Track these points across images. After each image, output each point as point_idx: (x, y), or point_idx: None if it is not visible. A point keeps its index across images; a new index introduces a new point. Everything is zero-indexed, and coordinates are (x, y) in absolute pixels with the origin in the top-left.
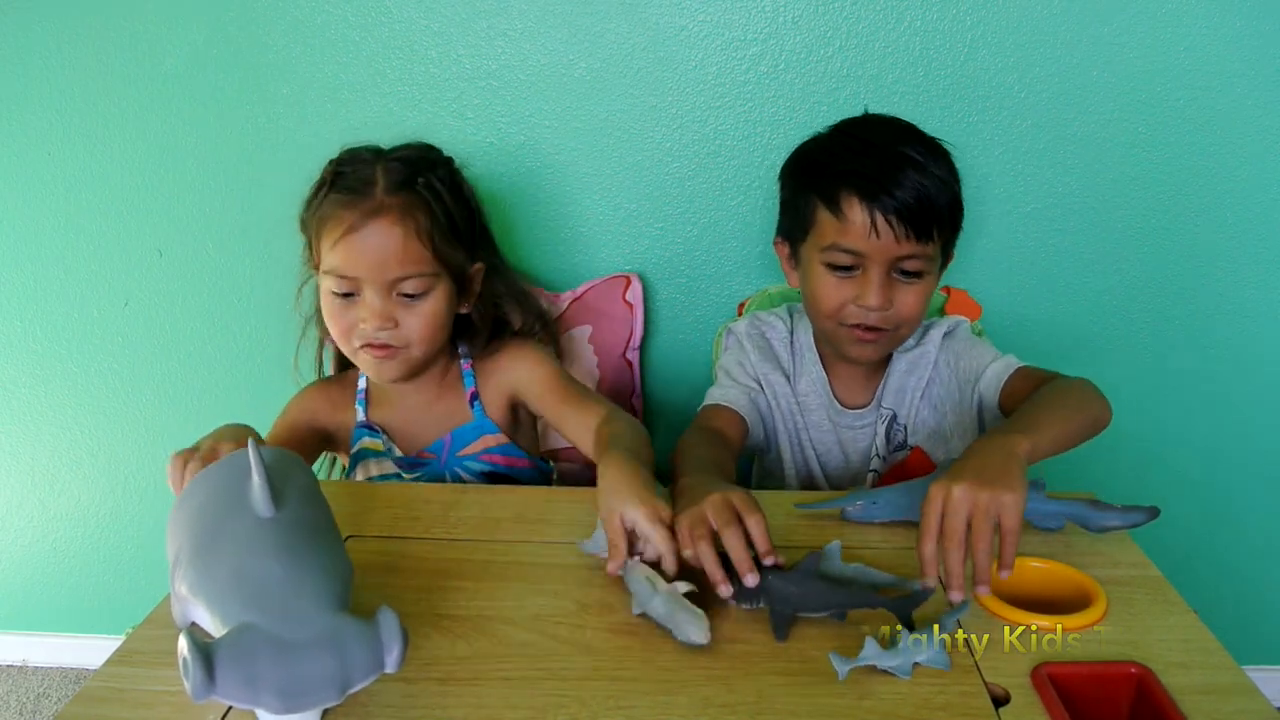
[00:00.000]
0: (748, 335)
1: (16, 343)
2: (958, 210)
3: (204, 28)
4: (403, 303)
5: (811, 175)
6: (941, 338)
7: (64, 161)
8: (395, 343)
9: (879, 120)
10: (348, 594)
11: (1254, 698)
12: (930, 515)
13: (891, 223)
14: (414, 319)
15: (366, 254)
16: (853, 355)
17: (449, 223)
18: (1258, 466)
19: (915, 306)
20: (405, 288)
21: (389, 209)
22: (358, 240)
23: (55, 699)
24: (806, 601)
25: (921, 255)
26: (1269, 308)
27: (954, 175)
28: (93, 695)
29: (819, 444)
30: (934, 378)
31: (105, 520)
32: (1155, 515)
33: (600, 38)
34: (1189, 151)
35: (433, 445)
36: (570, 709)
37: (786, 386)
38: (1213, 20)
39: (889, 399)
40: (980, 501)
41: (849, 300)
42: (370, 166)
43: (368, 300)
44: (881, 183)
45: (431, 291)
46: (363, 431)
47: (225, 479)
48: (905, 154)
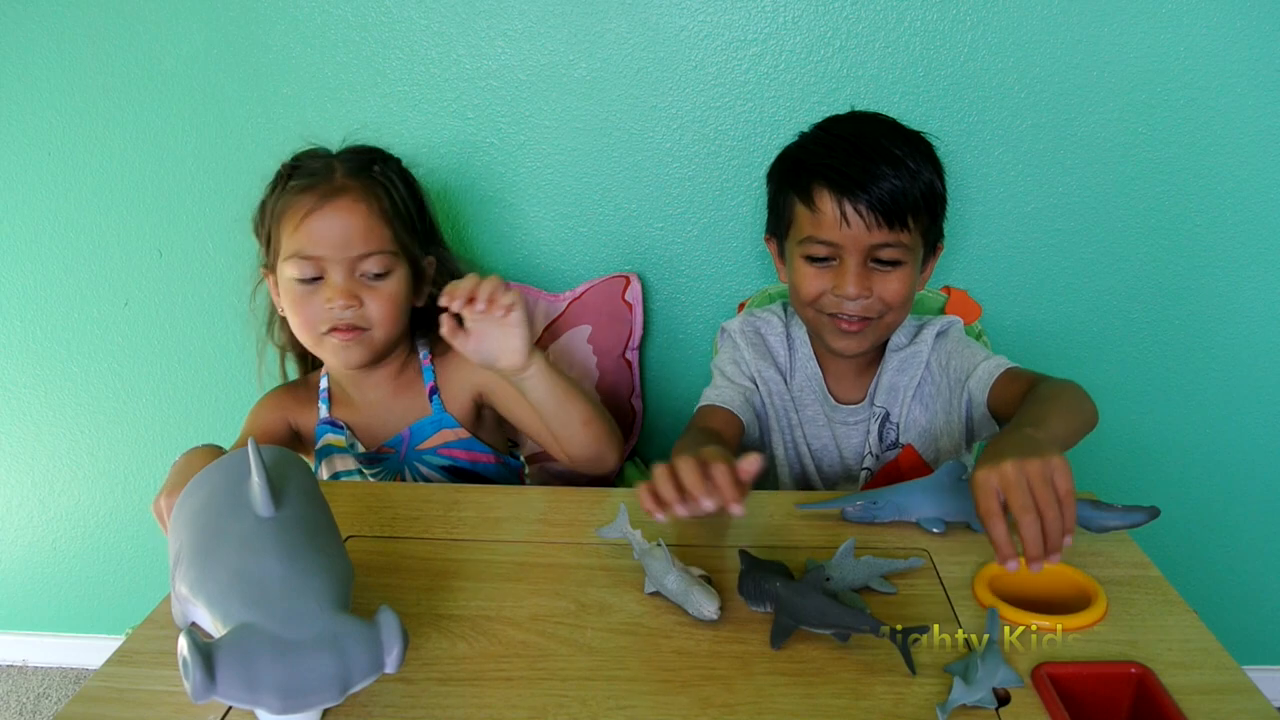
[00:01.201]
0: (741, 332)
1: (16, 343)
2: (934, 200)
3: (204, 28)
4: (365, 283)
5: (788, 172)
6: (934, 337)
7: (64, 161)
8: (360, 324)
9: (855, 116)
10: (348, 594)
11: (1254, 698)
12: (988, 498)
13: (861, 212)
14: (376, 299)
15: (330, 232)
16: (838, 347)
17: (405, 210)
18: (1258, 466)
19: (898, 293)
20: (368, 266)
21: (349, 189)
22: (321, 220)
23: (55, 699)
24: (812, 616)
25: (896, 244)
26: (1269, 307)
27: (931, 165)
28: (93, 695)
29: (814, 440)
30: (925, 377)
31: (105, 520)
32: (1156, 515)
33: (600, 38)
34: (1189, 151)
35: (391, 440)
36: (570, 709)
37: (781, 383)
38: (1213, 20)
39: (881, 397)
40: (1033, 469)
41: (827, 290)
42: (325, 159)
43: (332, 280)
44: (849, 174)
45: (393, 272)
46: (325, 428)
47: (225, 479)
48: (876, 145)
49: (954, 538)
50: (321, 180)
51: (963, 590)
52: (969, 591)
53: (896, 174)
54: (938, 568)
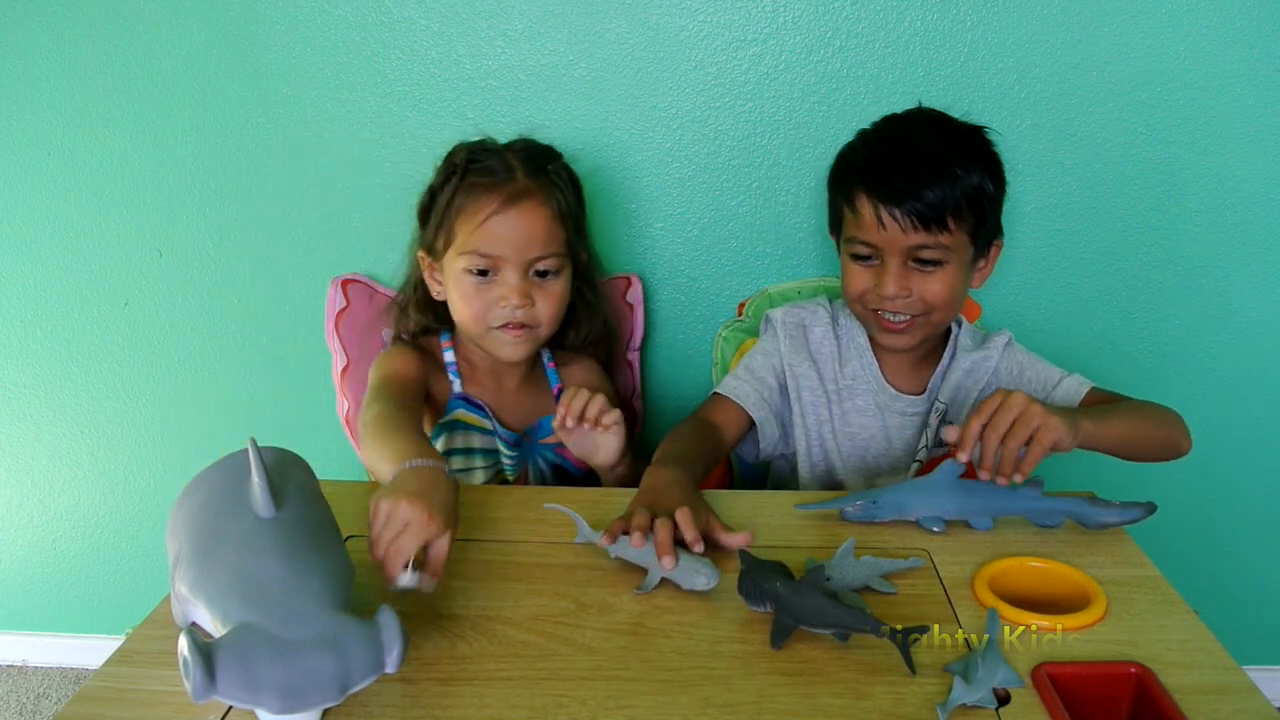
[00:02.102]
0: (784, 323)
1: (16, 343)
2: (981, 200)
3: (204, 28)
4: (536, 283)
5: (837, 174)
6: (1004, 346)
7: (64, 161)
8: (529, 322)
9: (910, 116)
10: (348, 594)
11: (1254, 698)
12: (988, 404)
13: (896, 215)
14: (546, 298)
15: (513, 234)
16: (886, 343)
17: (573, 211)
18: (1258, 466)
19: (940, 294)
20: (541, 266)
21: (532, 192)
22: (504, 221)
23: (55, 699)
24: (812, 616)
25: (935, 245)
26: (1268, 307)
27: (982, 165)
28: (93, 695)
29: (859, 430)
30: (992, 383)
31: (105, 520)
32: (1153, 511)
33: (600, 38)
34: (1189, 151)
35: (529, 428)
36: (570, 709)
37: (815, 377)
38: (1213, 20)
39: (946, 394)
40: (1032, 411)
41: (870, 288)
42: (501, 156)
43: (507, 279)
44: (884, 177)
45: (561, 272)
46: (459, 403)
47: (225, 479)
48: (918, 150)
49: (954, 538)
50: (504, 180)
51: (963, 590)
52: (969, 591)
53: (936, 179)
54: (938, 568)
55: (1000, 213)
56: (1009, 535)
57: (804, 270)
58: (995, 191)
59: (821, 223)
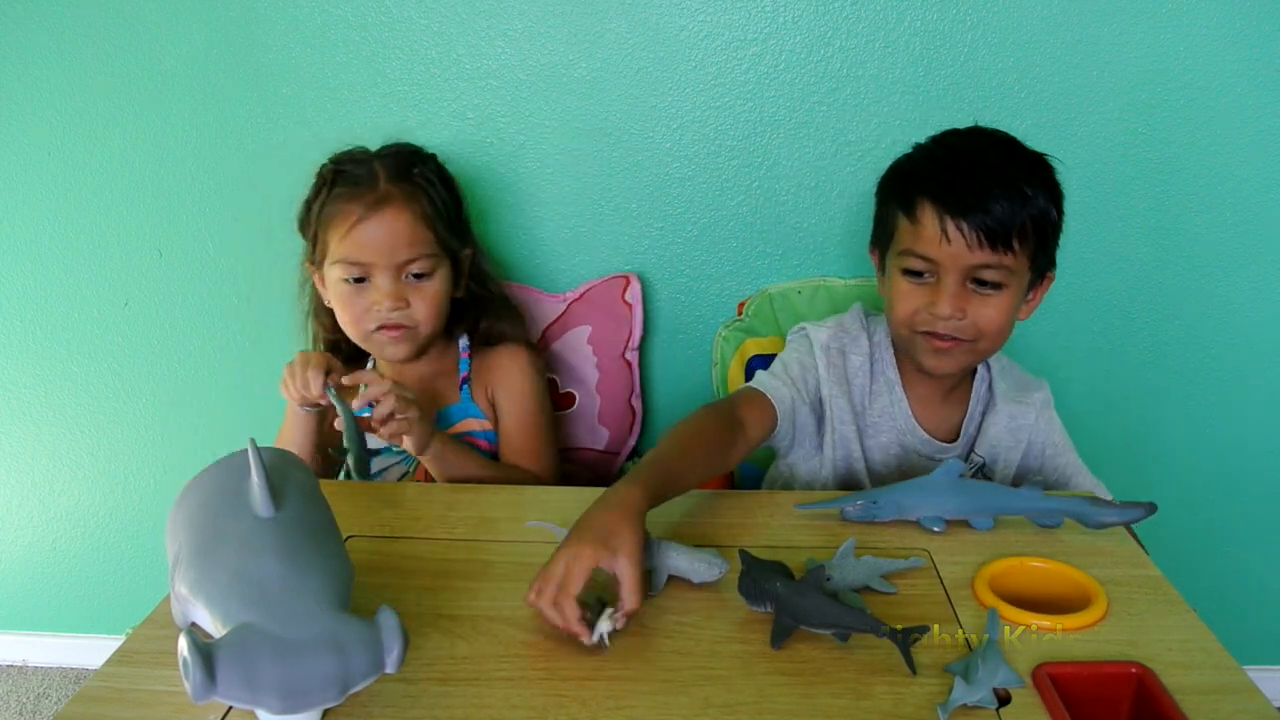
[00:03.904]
0: (826, 349)
1: (16, 343)
2: (1045, 226)
3: (204, 28)
4: (411, 284)
5: (895, 183)
6: (1040, 405)
7: (64, 161)
8: (407, 322)
9: (973, 132)
10: (348, 594)
11: (1254, 698)
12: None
13: (963, 229)
14: (422, 299)
15: (377, 240)
16: (929, 365)
17: (445, 210)
18: (1258, 466)
19: (994, 320)
20: (413, 268)
21: (394, 197)
22: (368, 228)
23: (55, 699)
24: (812, 616)
25: (998, 265)
26: (1268, 307)
27: (1047, 192)
28: (93, 695)
29: (884, 467)
30: (1032, 440)
31: (105, 520)
32: (1153, 511)
33: (600, 38)
34: (1189, 151)
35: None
36: (570, 709)
37: (848, 410)
38: (1213, 20)
39: (984, 447)
40: None
41: (922, 307)
42: (367, 163)
43: (379, 284)
44: (954, 189)
45: (436, 272)
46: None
47: (225, 479)
48: (988, 164)
49: (954, 538)
50: (366, 188)
51: (963, 590)
52: (969, 591)
53: (1006, 196)
54: (938, 568)
55: (1057, 245)
56: (1009, 535)
57: (803, 270)
58: (1058, 220)
59: (821, 223)
